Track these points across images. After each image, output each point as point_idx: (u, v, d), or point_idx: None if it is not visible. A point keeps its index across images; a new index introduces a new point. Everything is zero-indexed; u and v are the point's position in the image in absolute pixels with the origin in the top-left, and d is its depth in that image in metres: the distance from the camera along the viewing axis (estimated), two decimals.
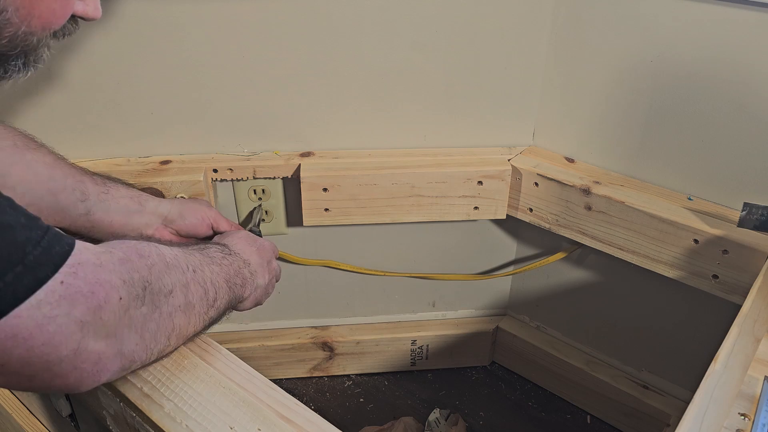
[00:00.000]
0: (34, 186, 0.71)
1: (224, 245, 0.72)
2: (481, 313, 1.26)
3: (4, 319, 0.40)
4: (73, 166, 0.77)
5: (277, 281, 0.83)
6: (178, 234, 0.83)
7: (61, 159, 0.76)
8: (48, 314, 0.42)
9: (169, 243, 0.68)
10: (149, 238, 0.80)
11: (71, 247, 0.45)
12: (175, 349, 0.60)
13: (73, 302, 0.43)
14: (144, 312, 0.51)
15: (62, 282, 0.43)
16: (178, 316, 0.56)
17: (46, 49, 0.57)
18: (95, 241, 0.78)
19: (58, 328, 0.42)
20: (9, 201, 0.43)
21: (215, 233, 0.85)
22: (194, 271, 0.59)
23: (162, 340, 0.55)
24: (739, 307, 0.69)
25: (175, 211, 0.82)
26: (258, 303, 0.77)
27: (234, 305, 0.69)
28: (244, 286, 0.70)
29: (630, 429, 1.13)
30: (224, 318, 0.67)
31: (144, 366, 0.56)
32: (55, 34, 0.57)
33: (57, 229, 0.45)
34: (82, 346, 0.45)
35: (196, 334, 0.62)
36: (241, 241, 0.76)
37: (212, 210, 0.86)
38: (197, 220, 0.83)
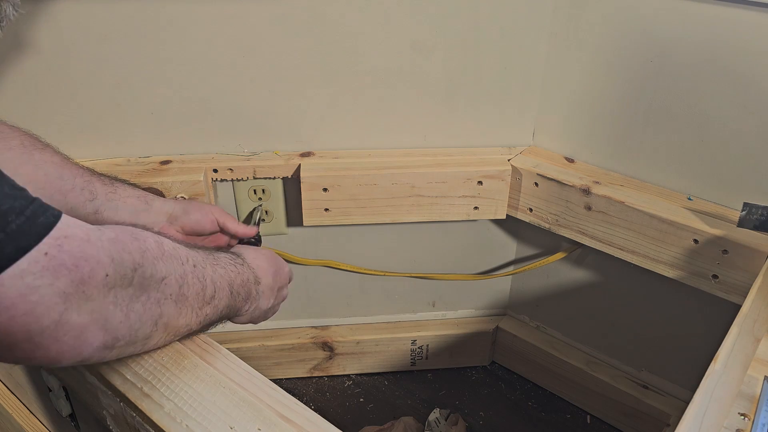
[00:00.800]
0: (43, 185, 0.72)
1: (238, 254, 0.70)
2: (481, 313, 1.26)
3: None
4: (80, 166, 0.77)
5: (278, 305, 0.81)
6: (183, 231, 0.83)
7: (68, 159, 0.77)
8: (31, 284, 0.41)
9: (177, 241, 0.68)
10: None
11: (57, 218, 0.45)
12: (167, 342, 0.59)
13: (56, 274, 0.43)
14: (130, 293, 0.50)
15: (46, 253, 0.43)
16: (167, 304, 0.55)
17: (9, 6, 0.56)
18: None
19: (41, 298, 0.42)
20: None
21: (222, 231, 0.85)
22: (194, 266, 0.58)
23: (148, 324, 0.53)
24: (738, 306, 0.68)
25: (179, 208, 0.82)
26: (252, 322, 0.74)
27: (232, 314, 0.67)
28: (246, 300, 0.68)
29: (630, 429, 1.13)
30: (220, 324, 0.66)
31: (128, 347, 0.54)
32: None
33: (45, 202, 0.45)
34: (65, 318, 0.44)
35: (193, 332, 0.61)
36: (261, 258, 0.73)
37: (217, 208, 0.86)
38: (201, 215, 0.83)
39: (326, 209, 1.00)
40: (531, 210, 1.02)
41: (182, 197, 0.94)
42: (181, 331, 0.59)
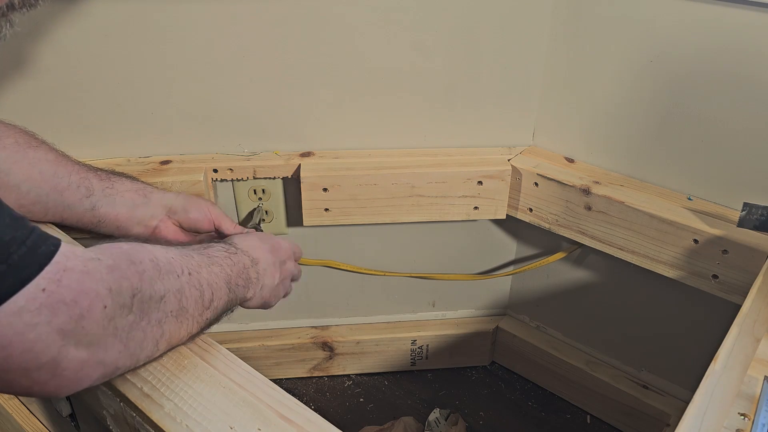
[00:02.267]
0: (39, 184, 0.72)
1: (231, 244, 0.70)
2: (481, 313, 1.26)
3: None
4: (76, 162, 0.77)
5: (294, 281, 0.82)
6: (181, 227, 0.83)
7: (64, 156, 0.77)
8: (28, 322, 0.41)
9: (169, 243, 0.68)
10: (154, 230, 0.81)
11: (57, 247, 0.44)
12: (167, 351, 0.59)
13: (54, 311, 0.42)
14: (131, 320, 0.50)
15: (44, 289, 0.42)
16: (168, 322, 0.55)
17: (6, 24, 0.55)
18: (102, 236, 0.78)
19: (38, 336, 0.42)
20: None
21: (218, 232, 0.85)
22: (189, 274, 0.58)
23: (149, 347, 0.54)
24: (738, 306, 0.68)
25: (179, 204, 0.82)
26: (266, 304, 0.75)
27: (234, 306, 0.68)
28: (247, 287, 0.68)
29: (630, 429, 1.13)
30: (225, 318, 0.67)
31: (130, 371, 0.55)
32: (12, 6, 0.54)
33: (43, 230, 0.45)
34: (63, 354, 0.44)
35: (192, 337, 0.61)
36: (251, 239, 0.74)
37: (216, 208, 0.86)
38: (200, 215, 0.83)
39: (326, 209, 1.00)
40: (531, 210, 1.02)
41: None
42: (183, 341, 0.59)
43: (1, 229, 0.41)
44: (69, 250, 0.46)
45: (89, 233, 0.79)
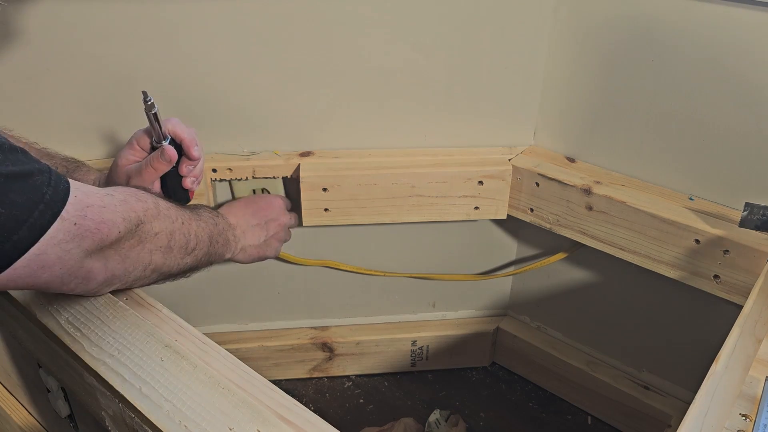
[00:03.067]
0: None
1: (217, 210, 0.87)
2: (481, 314, 1.25)
3: (35, 255, 0.52)
4: (41, 152, 0.81)
5: (291, 228, 0.99)
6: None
7: (30, 146, 0.79)
8: (65, 248, 0.55)
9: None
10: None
11: (68, 183, 0.56)
12: (152, 281, 0.70)
13: (83, 238, 0.56)
14: (132, 243, 0.63)
15: (75, 224, 0.55)
16: (157, 254, 0.67)
17: None
18: None
19: (73, 257, 0.56)
20: (23, 151, 0.53)
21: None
22: (182, 223, 0.71)
23: (139, 268, 0.66)
24: (740, 307, 0.68)
25: (133, 169, 0.83)
26: (262, 257, 0.94)
27: (215, 259, 0.81)
28: (226, 246, 0.84)
29: (630, 430, 1.13)
30: (208, 267, 0.79)
31: (121, 284, 0.66)
32: None
33: (54, 169, 0.55)
34: (86, 265, 0.59)
35: (173, 275, 0.72)
36: (235, 205, 0.94)
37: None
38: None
39: (326, 209, 0.99)
40: (532, 210, 1.02)
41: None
42: (164, 274, 0.71)
43: (35, 176, 0.52)
44: (87, 188, 0.58)
45: None
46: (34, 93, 0.93)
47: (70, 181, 0.56)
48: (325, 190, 0.97)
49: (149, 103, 0.76)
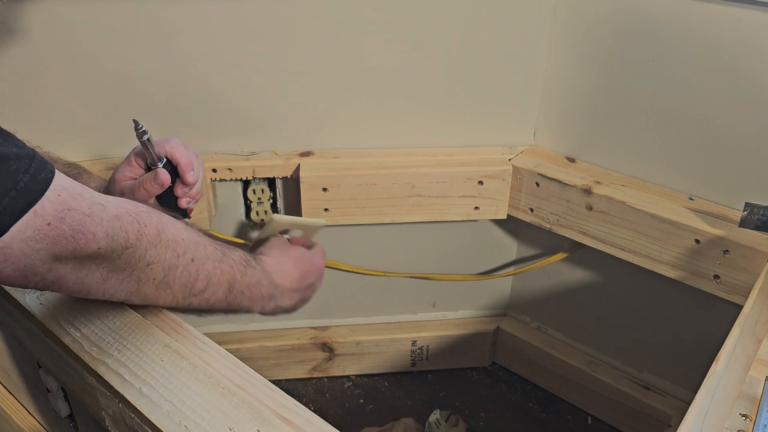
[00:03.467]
0: None
1: (254, 258, 0.73)
2: (481, 314, 1.25)
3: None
4: (42, 155, 0.78)
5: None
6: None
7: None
8: (32, 247, 0.49)
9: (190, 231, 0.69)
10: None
11: (52, 174, 0.50)
12: (140, 304, 0.63)
13: (54, 242, 0.50)
14: (116, 264, 0.56)
15: (49, 224, 0.49)
16: (147, 286, 0.59)
17: None
18: None
19: (38, 257, 0.50)
20: (6, 134, 0.49)
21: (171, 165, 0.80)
22: (192, 260, 0.62)
23: (122, 294, 0.59)
24: (740, 307, 0.68)
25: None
26: (277, 314, 0.78)
27: (236, 309, 0.70)
28: (254, 301, 0.71)
29: (631, 430, 1.13)
30: (223, 316, 0.69)
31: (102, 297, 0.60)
32: None
33: (41, 156, 0.50)
34: (56, 269, 0.52)
35: (176, 309, 0.65)
36: (284, 263, 0.77)
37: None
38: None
39: (326, 209, 0.99)
40: (532, 210, 1.01)
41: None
42: (161, 305, 0.64)
43: (11, 161, 0.48)
44: (78, 190, 0.52)
45: None
46: (34, 93, 0.93)
47: (60, 176, 0.52)
48: (325, 190, 0.97)
49: (141, 130, 0.74)
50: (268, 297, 0.73)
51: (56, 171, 0.51)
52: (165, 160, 0.78)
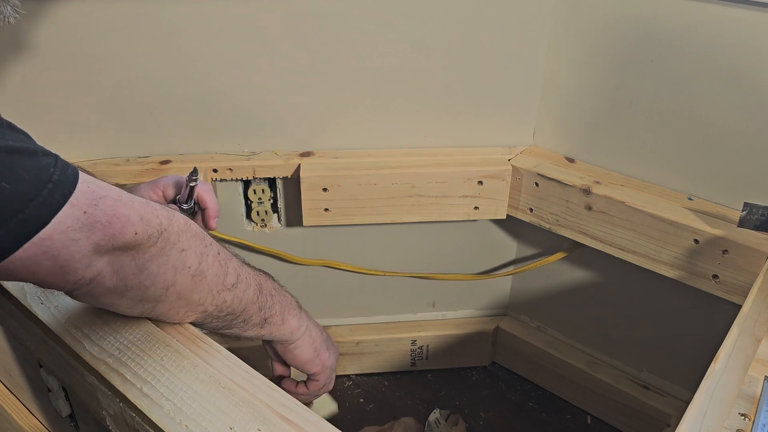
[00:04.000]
0: None
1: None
2: (481, 314, 1.25)
3: (40, 239, 0.48)
4: None
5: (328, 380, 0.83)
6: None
7: None
8: (72, 237, 0.50)
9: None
10: None
11: (77, 170, 0.51)
12: (182, 315, 0.62)
13: (92, 229, 0.50)
14: (152, 252, 0.55)
15: (85, 212, 0.50)
16: (183, 275, 0.59)
17: (8, 7, 0.61)
18: None
19: (80, 249, 0.50)
20: (26, 134, 0.51)
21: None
22: (218, 253, 0.62)
23: (159, 287, 0.58)
24: (739, 307, 0.68)
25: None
26: (318, 359, 0.79)
27: (270, 316, 0.70)
28: (286, 308, 0.73)
29: (630, 429, 1.13)
30: (261, 327, 0.71)
31: (139, 304, 0.59)
32: None
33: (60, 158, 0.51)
34: (95, 265, 0.52)
35: (209, 314, 0.63)
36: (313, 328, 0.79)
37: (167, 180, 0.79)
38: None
39: (326, 209, 1.00)
40: (531, 210, 1.02)
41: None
42: (195, 307, 0.62)
43: (40, 156, 0.49)
44: (100, 182, 0.53)
45: None
46: (34, 93, 0.93)
47: (80, 171, 0.52)
48: (325, 190, 0.98)
49: (194, 178, 0.75)
50: (297, 308, 0.75)
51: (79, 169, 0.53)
52: (194, 202, 0.78)
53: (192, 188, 0.76)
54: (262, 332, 0.72)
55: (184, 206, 0.76)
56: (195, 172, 0.74)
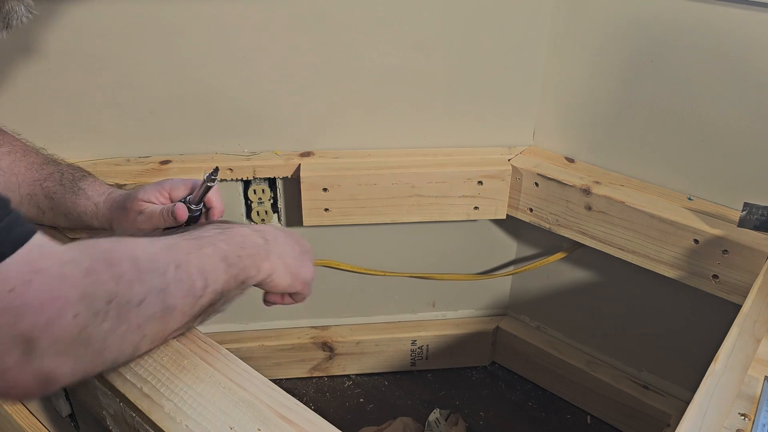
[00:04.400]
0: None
1: (225, 221, 0.67)
2: (481, 313, 1.25)
3: None
4: (46, 157, 0.77)
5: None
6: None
7: (36, 152, 0.77)
8: None
9: (158, 233, 0.65)
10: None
11: (32, 232, 0.43)
12: (158, 342, 0.58)
13: (19, 314, 0.40)
14: (106, 328, 0.47)
15: (12, 290, 0.40)
16: (150, 324, 0.52)
17: (21, 6, 0.56)
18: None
19: (3, 340, 0.40)
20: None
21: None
22: (177, 267, 0.54)
23: (128, 351, 0.52)
24: (739, 307, 0.68)
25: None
26: (296, 278, 0.67)
27: (245, 279, 0.62)
28: (254, 254, 0.63)
29: (630, 429, 1.13)
30: (239, 294, 0.63)
31: (108, 369, 0.54)
32: None
33: (22, 215, 0.43)
34: (28, 360, 0.41)
35: (186, 326, 0.59)
36: (266, 226, 0.69)
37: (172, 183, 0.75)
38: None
39: (326, 209, 1.00)
40: (531, 210, 1.02)
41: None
42: (173, 335, 0.58)
43: None
44: (46, 249, 0.44)
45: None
46: (35, 93, 0.93)
47: (41, 236, 0.44)
48: (325, 190, 0.98)
49: (214, 178, 0.71)
50: (263, 243, 0.65)
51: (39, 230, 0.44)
52: (203, 203, 0.75)
53: (208, 188, 0.72)
54: (245, 289, 0.65)
55: (194, 207, 0.73)
56: (216, 171, 0.70)
